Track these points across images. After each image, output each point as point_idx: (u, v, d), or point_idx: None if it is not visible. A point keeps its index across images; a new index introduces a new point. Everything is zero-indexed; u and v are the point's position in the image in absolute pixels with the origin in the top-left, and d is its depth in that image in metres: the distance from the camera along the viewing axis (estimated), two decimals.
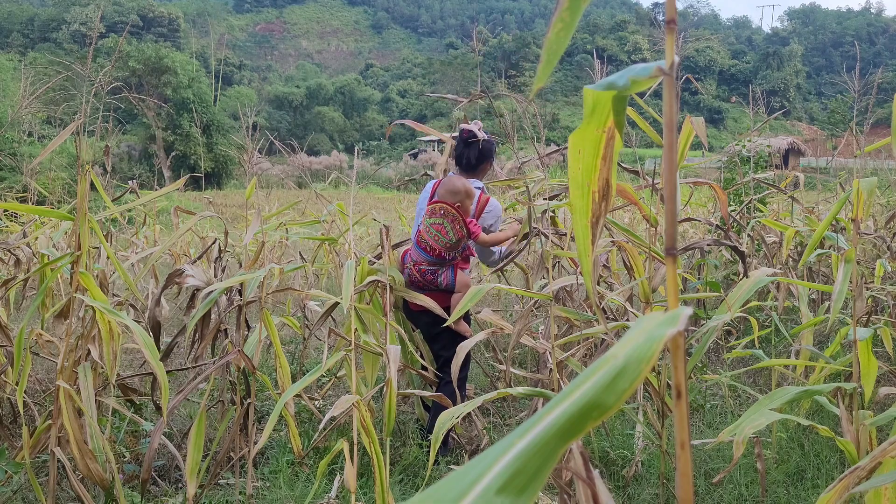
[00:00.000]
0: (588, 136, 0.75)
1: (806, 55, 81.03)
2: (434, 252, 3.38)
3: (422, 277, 3.43)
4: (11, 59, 30.66)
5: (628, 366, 0.46)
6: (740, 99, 49.61)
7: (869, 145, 2.82)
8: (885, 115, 1.78)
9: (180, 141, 35.61)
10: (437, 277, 3.43)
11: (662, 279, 2.87)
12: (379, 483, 2.13)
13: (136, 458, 3.32)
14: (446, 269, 3.44)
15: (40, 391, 3.84)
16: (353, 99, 63.81)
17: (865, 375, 2.30)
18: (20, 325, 2.74)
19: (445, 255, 3.39)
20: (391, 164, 43.02)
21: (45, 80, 4.56)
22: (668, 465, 2.78)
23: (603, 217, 0.80)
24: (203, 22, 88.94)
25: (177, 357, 4.96)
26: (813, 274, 5.80)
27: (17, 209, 3.53)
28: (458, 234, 3.34)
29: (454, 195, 3.33)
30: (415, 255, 3.45)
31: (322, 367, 2.39)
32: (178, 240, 5.75)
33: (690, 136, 2.61)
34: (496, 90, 34.65)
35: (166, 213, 9.85)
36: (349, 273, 2.44)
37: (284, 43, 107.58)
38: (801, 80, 72.49)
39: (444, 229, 3.35)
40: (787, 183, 6.53)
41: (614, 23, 77.49)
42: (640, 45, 70.84)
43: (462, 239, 3.37)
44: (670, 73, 0.64)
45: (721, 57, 73.97)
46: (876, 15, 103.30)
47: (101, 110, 3.11)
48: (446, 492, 0.40)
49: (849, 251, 2.40)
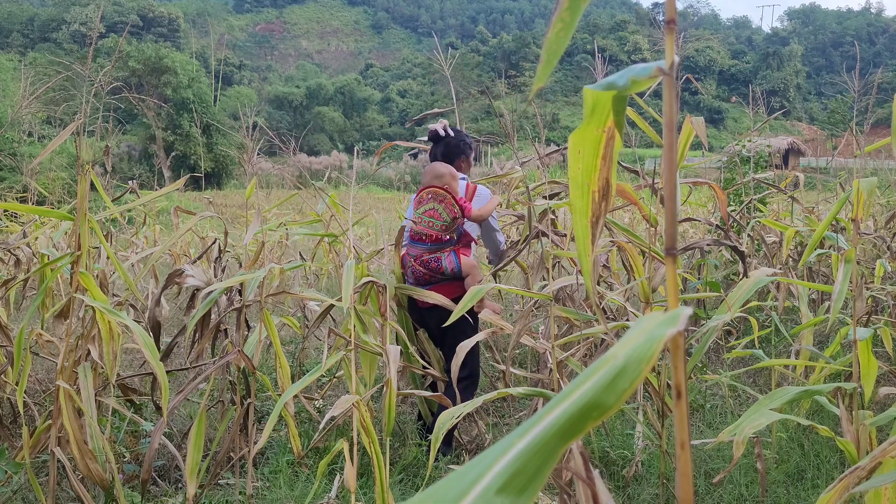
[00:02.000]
0: (588, 136, 0.75)
1: (806, 55, 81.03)
2: (431, 238, 3.41)
3: (425, 268, 3.43)
4: (11, 59, 30.66)
5: (628, 366, 0.46)
6: (740, 99, 49.64)
7: (869, 145, 2.82)
8: (885, 115, 1.78)
9: (180, 141, 35.61)
10: (441, 263, 3.42)
11: (662, 279, 2.87)
12: (379, 483, 2.13)
13: (136, 458, 3.32)
14: (448, 253, 3.44)
15: (40, 391, 3.84)
16: (353, 99, 63.81)
17: (865, 375, 2.30)
18: (20, 325, 2.74)
19: (443, 237, 3.41)
20: (391, 163, 43.00)
21: (45, 80, 4.56)
22: (668, 465, 2.78)
23: (603, 217, 0.80)
24: (203, 22, 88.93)
25: (177, 357, 4.96)
26: (813, 274, 5.80)
27: (17, 209, 3.53)
28: (452, 213, 3.38)
29: (440, 178, 3.42)
30: (413, 251, 3.46)
31: (322, 367, 2.39)
32: (178, 240, 5.75)
33: (690, 136, 2.61)
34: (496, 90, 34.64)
35: (166, 214, 9.86)
36: (349, 273, 2.44)
37: (284, 43, 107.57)
38: (801, 80, 72.48)
39: (437, 212, 3.39)
40: (787, 183, 6.53)
41: (614, 23, 77.48)
42: (640, 45, 70.82)
43: (456, 218, 3.39)
44: (670, 73, 0.64)
45: (721, 57, 73.96)
46: (876, 15, 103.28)
47: (101, 110, 3.11)
48: (446, 492, 0.40)
49: (849, 251, 2.40)
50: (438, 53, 3.55)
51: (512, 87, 56.83)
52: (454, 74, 3.26)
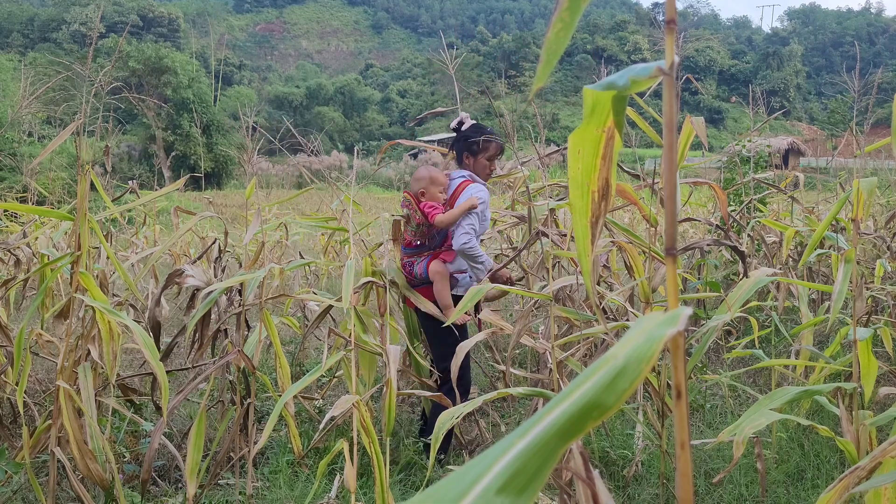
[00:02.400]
0: (588, 136, 0.75)
1: (806, 55, 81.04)
2: (405, 242, 3.42)
3: (405, 271, 3.44)
4: (11, 59, 30.65)
5: (628, 366, 0.46)
6: (740, 99, 49.60)
7: (869, 145, 2.82)
8: (885, 115, 1.78)
9: (180, 141, 35.61)
10: (414, 268, 3.41)
11: (662, 279, 2.87)
12: (379, 483, 2.13)
13: (136, 458, 3.32)
14: (424, 258, 3.42)
15: (40, 391, 3.84)
16: (353, 99, 63.83)
17: (865, 375, 2.30)
18: (20, 325, 2.74)
19: (414, 242, 3.41)
20: (391, 163, 43.01)
21: (45, 80, 4.56)
22: (668, 465, 2.78)
23: (602, 217, 0.80)
24: (203, 22, 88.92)
25: (177, 357, 4.96)
26: (813, 274, 5.80)
27: (17, 209, 3.53)
28: (416, 219, 3.38)
29: (417, 182, 3.41)
30: (400, 255, 3.47)
31: (322, 367, 2.39)
32: (178, 240, 5.75)
33: (690, 136, 2.61)
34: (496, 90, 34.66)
35: (166, 214, 9.85)
36: (349, 273, 2.44)
37: (284, 43, 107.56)
38: (801, 80, 72.50)
39: (408, 217, 3.40)
40: (787, 183, 6.54)
41: (614, 23, 77.48)
42: (640, 45, 70.83)
43: (420, 224, 3.38)
44: (670, 73, 0.64)
45: (721, 57, 73.97)
46: (876, 15, 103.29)
47: (101, 110, 3.11)
48: (446, 492, 0.40)
49: (849, 251, 2.40)
50: (443, 52, 3.53)
51: (512, 87, 56.81)
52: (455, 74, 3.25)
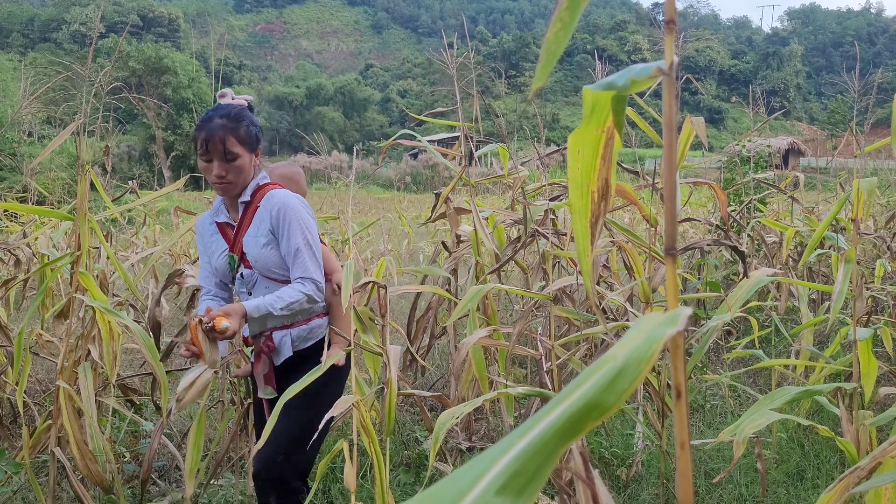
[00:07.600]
0: (587, 136, 0.75)
1: (806, 55, 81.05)
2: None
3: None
4: (11, 59, 30.64)
5: (628, 366, 0.46)
6: (740, 99, 49.57)
7: (869, 145, 2.82)
8: (885, 115, 1.78)
9: (180, 141, 35.63)
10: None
11: (662, 279, 2.87)
12: (379, 483, 2.13)
13: (136, 458, 3.32)
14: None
15: (40, 391, 3.84)
16: (353, 99, 63.84)
17: (865, 375, 2.30)
18: (20, 325, 2.74)
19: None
20: (391, 164, 43.02)
21: (45, 81, 4.55)
22: (668, 465, 2.78)
23: (602, 217, 0.80)
24: (203, 22, 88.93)
25: (177, 357, 4.96)
26: (813, 274, 5.80)
27: (17, 209, 3.53)
28: None
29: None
30: None
31: (322, 367, 2.38)
32: (178, 240, 5.75)
33: (690, 136, 2.61)
34: (496, 90, 34.66)
35: (166, 214, 9.85)
36: (348, 273, 2.44)
37: (284, 43, 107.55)
38: (801, 80, 72.53)
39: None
40: (787, 183, 6.53)
41: (614, 23, 77.50)
42: (640, 45, 70.85)
43: None
44: (670, 73, 0.64)
45: (721, 57, 73.98)
46: (876, 15, 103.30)
47: (101, 110, 3.11)
48: (446, 492, 0.40)
49: (849, 251, 2.40)
50: (444, 51, 3.53)
51: (512, 87, 56.83)
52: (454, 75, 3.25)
